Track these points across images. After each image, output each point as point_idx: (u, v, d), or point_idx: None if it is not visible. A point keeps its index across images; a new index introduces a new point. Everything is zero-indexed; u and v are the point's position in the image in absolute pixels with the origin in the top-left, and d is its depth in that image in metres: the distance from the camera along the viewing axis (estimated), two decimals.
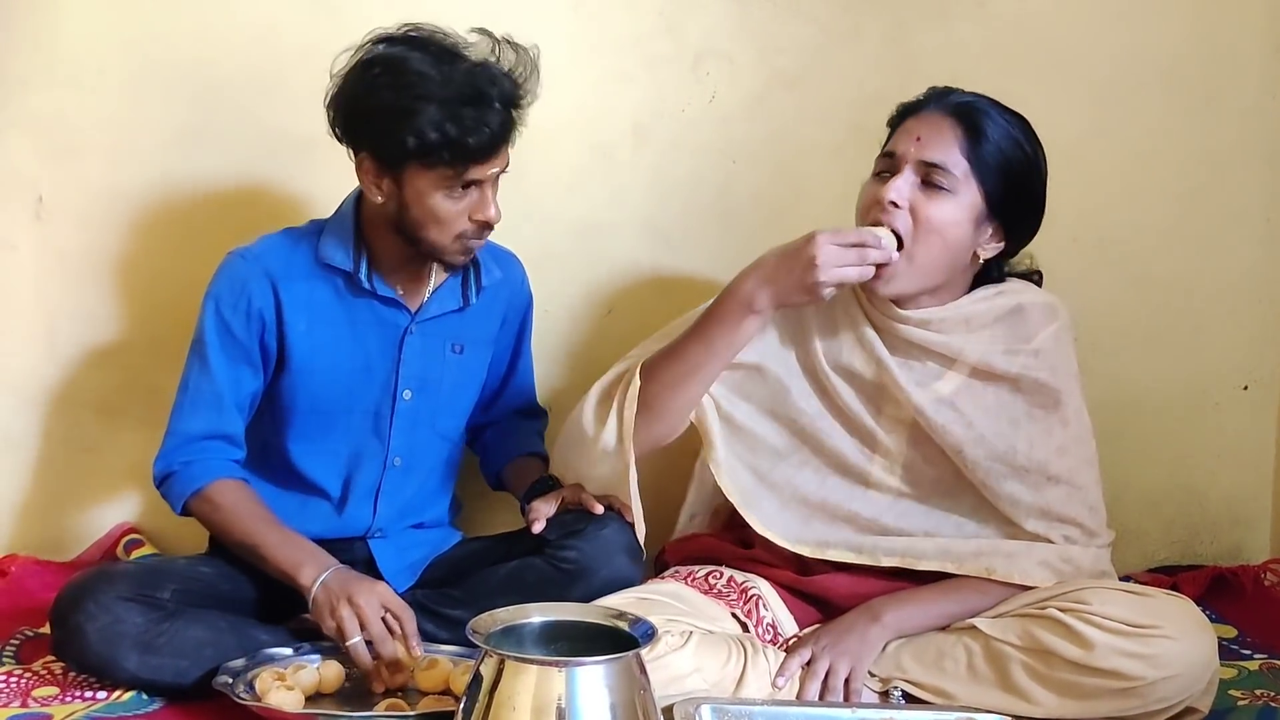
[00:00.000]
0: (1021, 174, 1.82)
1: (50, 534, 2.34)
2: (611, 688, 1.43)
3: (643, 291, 2.38)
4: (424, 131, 1.78)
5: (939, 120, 1.80)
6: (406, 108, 1.78)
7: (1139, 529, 2.45)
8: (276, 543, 1.87)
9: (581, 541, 1.89)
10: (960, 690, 1.77)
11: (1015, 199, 1.82)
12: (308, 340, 1.95)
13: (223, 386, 1.93)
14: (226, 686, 1.72)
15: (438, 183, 1.83)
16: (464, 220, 1.87)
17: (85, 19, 2.27)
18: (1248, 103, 2.37)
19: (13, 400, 2.33)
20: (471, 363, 2.07)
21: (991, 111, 1.82)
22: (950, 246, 1.80)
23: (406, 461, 2.03)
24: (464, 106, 1.78)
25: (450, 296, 2.02)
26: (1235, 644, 2.10)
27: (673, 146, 2.36)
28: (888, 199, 1.76)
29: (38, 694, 1.81)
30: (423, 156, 1.80)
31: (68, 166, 2.30)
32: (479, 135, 1.79)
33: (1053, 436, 1.85)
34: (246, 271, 1.94)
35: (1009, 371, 1.84)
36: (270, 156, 2.29)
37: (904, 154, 1.79)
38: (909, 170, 1.78)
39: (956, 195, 1.78)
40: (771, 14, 2.33)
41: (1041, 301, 1.89)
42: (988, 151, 1.78)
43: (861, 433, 1.89)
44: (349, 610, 1.78)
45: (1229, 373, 2.44)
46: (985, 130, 1.79)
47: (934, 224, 1.78)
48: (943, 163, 1.77)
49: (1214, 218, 2.40)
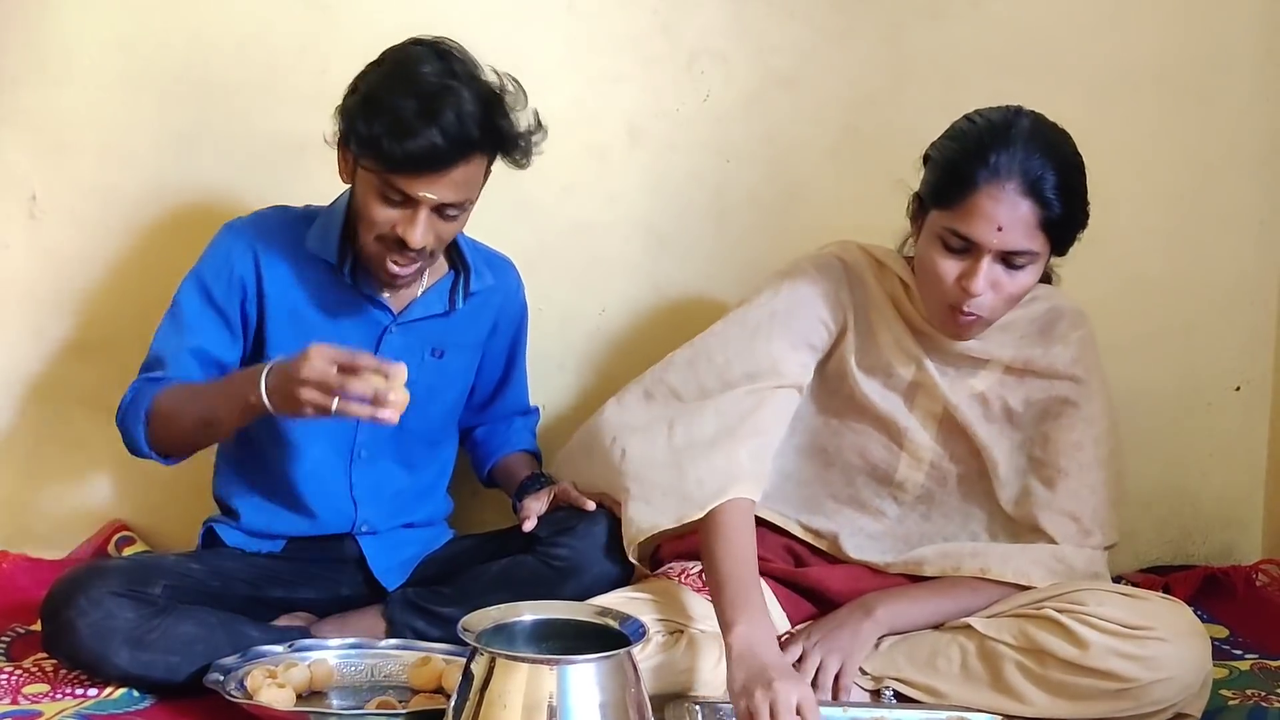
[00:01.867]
0: (1079, 208, 1.77)
1: (41, 531, 2.33)
2: (603, 686, 1.43)
3: (637, 291, 2.38)
4: (366, 124, 1.78)
5: (1016, 202, 1.69)
6: (369, 101, 1.80)
7: (1131, 529, 2.45)
8: (218, 395, 1.79)
9: (573, 539, 1.90)
10: (952, 689, 1.77)
11: (1078, 229, 1.79)
12: (286, 318, 1.95)
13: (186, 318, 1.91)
14: (218, 684, 1.71)
15: (376, 182, 1.81)
16: (387, 229, 1.83)
17: (78, 17, 2.27)
18: (1241, 104, 2.38)
19: (2, 396, 2.33)
20: (451, 367, 2.06)
21: (1051, 161, 1.71)
22: (1024, 296, 1.80)
23: (373, 454, 2.01)
24: (406, 117, 1.76)
25: (437, 300, 2.00)
26: (1227, 644, 2.10)
27: (667, 146, 2.36)
28: (975, 290, 1.72)
29: (28, 691, 1.80)
30: (363, 147, 1.80)
31: (60, 165, 2.30)
32: (402, 148, 1.75)
33: (1074, 432, 1.88)
34: (233, 241, 1.96)
35: (1042, 368, 1.87)
36: (263, 157, 2.28)
37: (985, 243, 1.70)
38: (989, 260, 1.72)
39: (1035, 264, 1.76)
40: (766, 14, 2.34)
41: (1072, 307, 1.93)
42: (1059, 215, 1.72)
43: (891, 429, 1.91)
44: (308, 390, 1.66)
45: (1221, 373, 2.44)
46: (1052, 196, 1.70)
47: (1017, 295, 1.77)
48: (1028, 248, 1.72)
49: (1207, 219, 2.41)
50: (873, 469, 1.93)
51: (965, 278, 1.72)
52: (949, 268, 1.74)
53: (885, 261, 1.92)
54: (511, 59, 2.29)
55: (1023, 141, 1.70)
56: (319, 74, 2.17)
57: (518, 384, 2.21)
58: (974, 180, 1.69)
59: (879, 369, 1.91)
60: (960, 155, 1.74)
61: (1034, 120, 1.75)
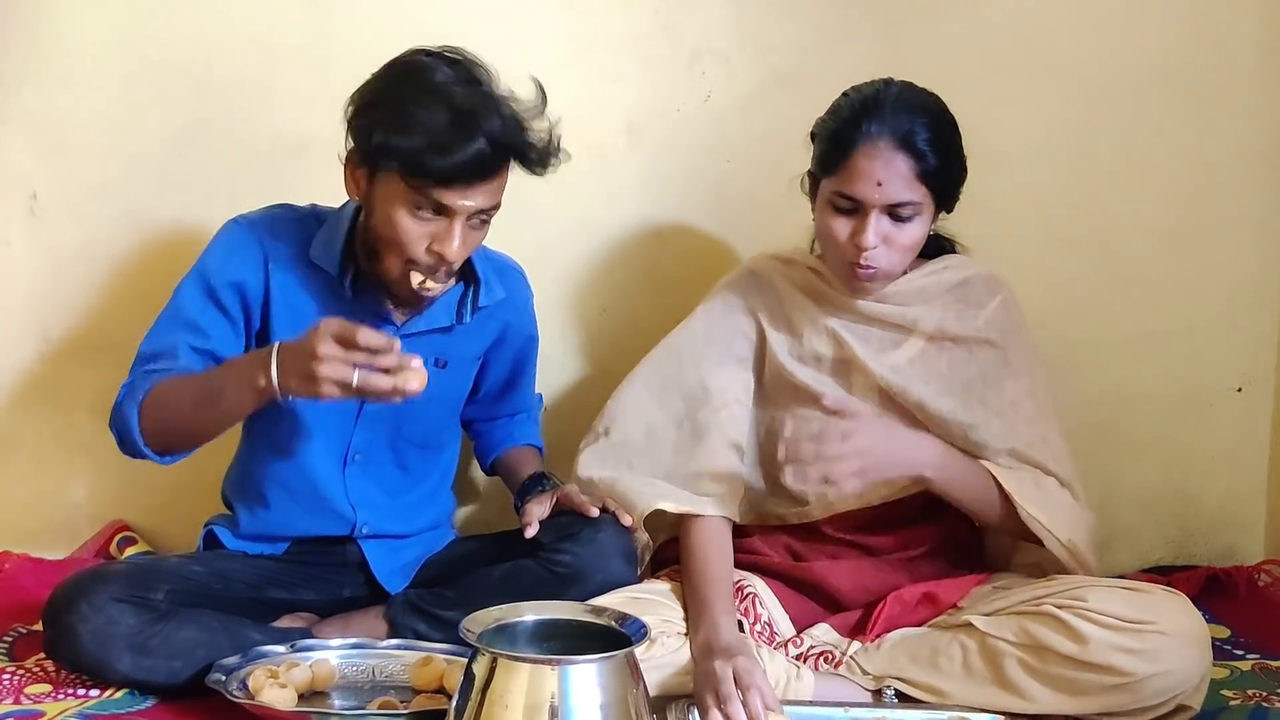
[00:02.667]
0: (957, 159, 1.88)
1: (43, 531, 2.34)
2: (604, 686, 1.43)
3: (637, 290, 2.38)
4: (397, 136, 1.73)
5: (890, 155, 1.80)
6: (395, 114, 1.75)
7: (1133, 529, 2.46)
8: (221, 383, 1.76)
9: (576, 545, 1.88)
10: (955, 688, 1.77)
11: (956, 183, 1.90)
12: (290, 321, 1.91)
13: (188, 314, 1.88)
14: (220, 684, 1.71)
15: (404, 194, 1.76)
16: (422, 247, 1.79)
17: (80, 18, 2.27)
18: (1242, 106, 2.37)
19: (5, 398, 2.33)
20: (453, 378, 2.04)
21: (920, 118, 1.83)
22: (918, 248, 1.89)
23: (368, 458, 2.00)
24: (451, 124, 1.73)
25: (443, 313, 1.97)
26: (1228, 644, 2.10)
27: (667, 146, 2.36)
28: (867, 246, 1.82)
29: (30, 691, 1.80)
30: (390, 156, 1.75)
31: (62, 165, 2.30)
32: (448, 160, 1.73)
33: (1005, 392, 1.93)
34: (242, 238, 1.92)
35: (961, 334, 1.94)
36: (264, 157, 2.29)
37: (869, 199, 1.81)
38: (876, 214, 1.82)
39: (921, 215, 1.85)
40: (766, 13, 2.34)
41: (986, 274, 1.99)
42: (934, 166, 1.83)
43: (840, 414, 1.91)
44: (327, 367, 1.63)
45: (1223, 374, 2.44)
46: (928, 148, 1.82)
47: (909, 246, 1.86)
48: (909, 199, 1.82)
49: (1208, 220, 2.40)
50: None
51: (856, 234, 1.83)
52: (842, 228, 1.85)
53: (793, 258, 2.02)
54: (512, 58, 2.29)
55: (891, 104, 1.83)
56: (320, 73, 2.18)
57: (525, 388, 2.21)
58: (852, 143, 1.82)
59: (808, 357, 1.97)
60: (838, 124, 1.86)
61: (902, 86, 1.88)
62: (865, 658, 1.83)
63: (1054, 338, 2.38)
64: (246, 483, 2.03)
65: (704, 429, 1.97)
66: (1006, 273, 2.29)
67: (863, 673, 1.82)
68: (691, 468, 1.96)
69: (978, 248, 2.08)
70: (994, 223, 2.34)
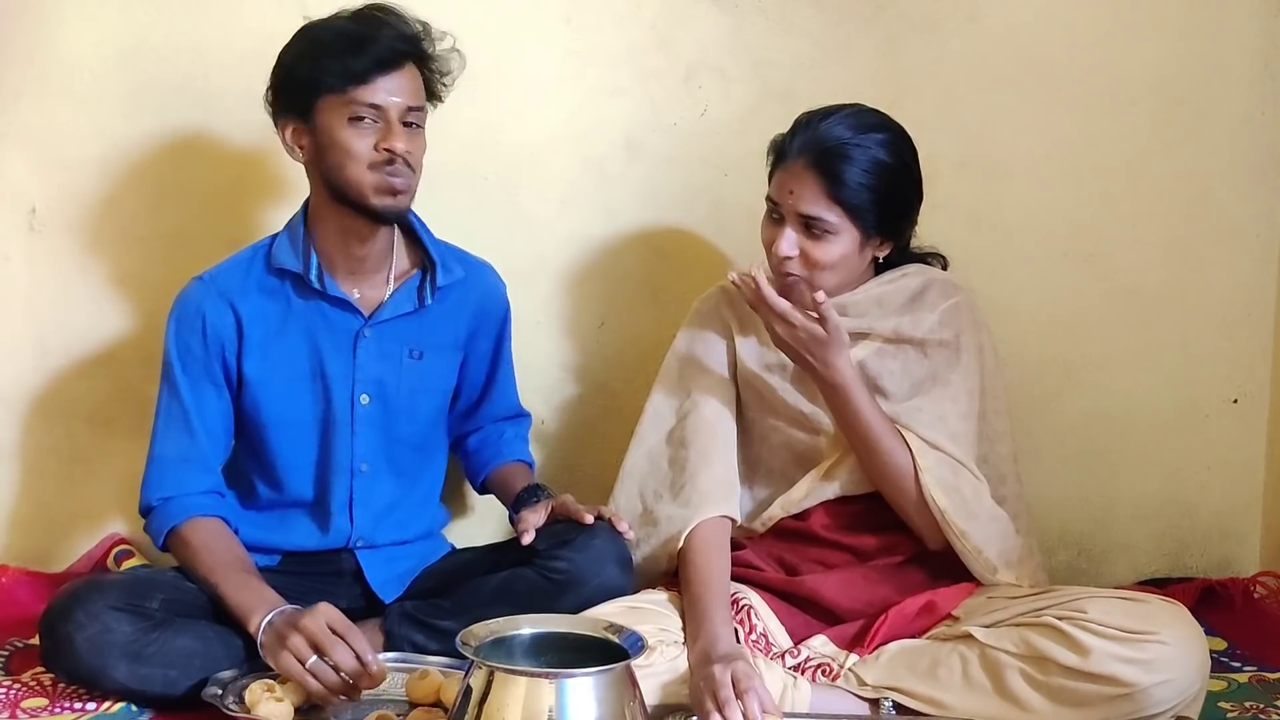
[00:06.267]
0: (892, 191, 1.91)
1: (40, 545, 2.34)
2: (601, 699, 1.43)
3: (635, 304, 2.39)
4: (318, 58, 1.89)
5: (801, 172, 1.89)
6: (305, 44, 1.92)
7: (1129, 541, 2.46)
8: (233, 588, 1.85)
9: (572, 551, 1.89)
10: (955, 699, 1.77)
11: (892, 214, 1.93)
12: (264, 352, 1.98)
13: (190, 407, 1.97)
14: (216, 698, 1.72)
15: (340, 111, 1.89)
16: (370, 150, 1.90)
17: (79, 32, 2.28)
18: (1237, 118, 2.38)
19: (2, 411, 2.33)
20: (432, 368, 2.07)
21: (849, 145, 1.88)
22: (843, 269, 1.93)
23: (373, 467, 2.03)
24: (352, 28, 1.90)
25: (405, 299, 2.03)
26: (1225, 656, 2.10)
27: (665, 160, 2.37)
28: (781, 255, 1.90)
29: (27, 705, 1.80)
30: (317, 83, 1.89)
31: (61, 178, 2.31)
32: (365, 54, 1.87)
33: (950, 386, 1.95)
34: (202, 293, 1.98)
35: (915, 336, 1.97)
36: (262, 171, 2.29)
37: (783, 206, 1.91)
38: (791, 224, 1.91)
39: (837, 235, 1.90)
40: (764, 28, 2.35)
41: (943, 279, 2.03)
42: (853, 193, 1.87)
43: (803, 419, 1.99)
44: (298, 637, 1.73)
45: (1219, 386, 2.44)
46: (844, 173, 1.87)
47: (824, 263, 1.91)
48: (818, 215, 1.88)
49: (1204, 232, 2.41)
50: (799, 456, 2.00)
51: (775, 241, 1.92)
52: (769, 234, 1.95)
53: None
54: (509, 73, 2.32)
55: (825, 124, 1.91)
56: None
57: (504, 385, 2.21)
58: (782, 156, 1.94)
59: (775, 366, 2.02)
60: (779, 138, 1.97)
61: (851, 111, 1.93)
62: (864, 669, 1.83)
63: (1051, 350, 2.40)
64: (244, 495, 2.04)
65: (691, 437, 1.99)
66: (1004, 285, 2.31)
67: (861, 684, 1.82)
68: (682, 479, 1.97)
69: (974, 261, 2.09)
70: (991, 236, 2.35)
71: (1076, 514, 2.44)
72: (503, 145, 2.32)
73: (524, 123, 2.23)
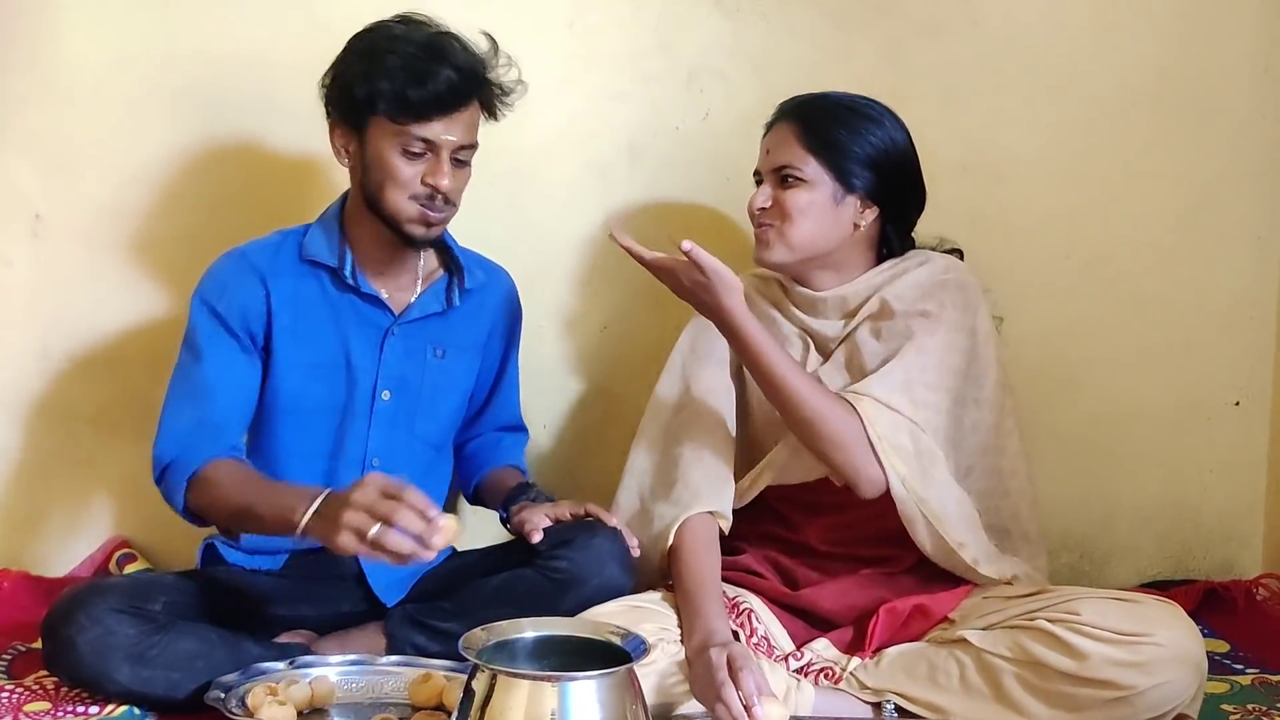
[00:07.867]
0: (871, 146, 1.95)
1: (43, 549, 2.34)
2: (604, 703, 1.43)
3: (637, 308, 2.39)
4: (378, 81, 1.87)
5: (781, 127, 1.99)
6: (369, 62, 1.89)
7: (1131, 544, 2.46)
8: (267, 500, 1.79)
9: (572, 551, 1.89)
10: (954, 704, 1.77)
11: (873, 169, 1.95)
12: (291, 335, 1.98)
13: (212, 375, 1.94)
14: (219, 702, 1.71)
15: (392, 138, 1.90)
16: (416, 182, 1.92)
17: (84, 38, 2.29)
18: (1238, 121, 2.39)
19: (6, 415, 2.34)
20: (453, 368, 2.08)
21: (829, 100, 1.98)
22: (817, 222, 1.96)
23: (385, 463, 2.02)
24: (418, 61, 1.87)
25: (433, 300, 2.05)
26: (1227, 659, 2.10)
27: (667, 163, 2.37)
28: (755, 206, 1.98)
29: (29, 709, 1.80)
30: (374, 107, 1.88)
31: (65, 184, 2.31)
32: (424, 90, 1.87)
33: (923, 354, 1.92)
34: (233, 267, 1.98)
35: (896, 308, 1.98)
36: (266, 175, 2.30)
37: (762, 167, 2.01)
38: (767, 180, 1.99)
39: (810, 184, 1.95)
40: (765, 31, 2.35)
41: (945, 262, 2.03)
42: (827, 140, 1.94)
43: None
44: (352, 512, 1.65)
45: (1221, 388, 2.45)
46: (821, 122, 1.95)
47: (794, 210, 1.95)
48: (789, 162, 1.95)
49: (1206, 234, 2.41)
50: None
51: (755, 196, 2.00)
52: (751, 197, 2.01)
53: (767, 276, 2.10)
54: None
55: (808, 99, 2.01)
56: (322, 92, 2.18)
57: (509, 392, 2.21)
58: (767, 129, 2.03)
59: None
60: None
61: (841, 95, 2.01)
62: (865, 673, 1.83)
63: (1053, 353, 2.40)
64: None
65: (686, 434, 2.00)
66: (1006, 288, 2.31)
67: (862, 688, 1.82)
68: (675, 476, 1.98)
69: (976, 263, 2.09)
70: (992, 239, 2.35)
71: (1078, 517, 2.44)
72: (505, 149, 2.32)
73: (526, 127, 2.23)
